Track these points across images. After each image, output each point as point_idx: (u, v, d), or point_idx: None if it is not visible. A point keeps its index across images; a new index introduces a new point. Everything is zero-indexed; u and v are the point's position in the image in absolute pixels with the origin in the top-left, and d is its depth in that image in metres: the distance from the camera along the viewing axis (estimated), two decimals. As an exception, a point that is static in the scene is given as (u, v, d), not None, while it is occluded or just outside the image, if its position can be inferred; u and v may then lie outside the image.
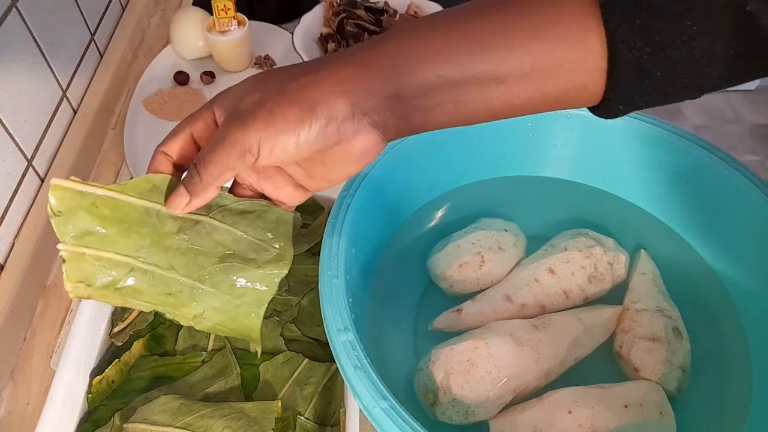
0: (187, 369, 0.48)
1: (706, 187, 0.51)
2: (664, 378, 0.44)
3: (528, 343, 0.44)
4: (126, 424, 0.42)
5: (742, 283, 0.50)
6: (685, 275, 0.52)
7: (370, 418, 0.34)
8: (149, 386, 0.47)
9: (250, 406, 0.44)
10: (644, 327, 0.46)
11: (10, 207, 0.57)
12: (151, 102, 0.75)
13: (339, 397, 0.47)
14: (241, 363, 0.48)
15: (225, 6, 0.74)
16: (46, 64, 0.64)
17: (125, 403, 0.46)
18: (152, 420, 0.42)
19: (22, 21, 0.60)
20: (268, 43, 0.83)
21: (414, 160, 0.52)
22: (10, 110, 0.57)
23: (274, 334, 0.49)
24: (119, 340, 0.50)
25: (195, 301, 0.37)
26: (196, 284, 0.37)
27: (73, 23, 0.71)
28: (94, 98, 0.72)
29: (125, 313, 0.51)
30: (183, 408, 0.43)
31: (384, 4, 0.81)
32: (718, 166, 0.49)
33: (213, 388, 0.46)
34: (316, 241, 0.56)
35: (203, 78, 0.79)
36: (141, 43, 0.85)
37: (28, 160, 0.60)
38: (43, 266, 0.59)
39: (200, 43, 0.79)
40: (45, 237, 0.58)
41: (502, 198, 0.58)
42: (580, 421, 0.41)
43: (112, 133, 0.74)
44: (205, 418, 0.42)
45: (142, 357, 0.49)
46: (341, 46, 0.77)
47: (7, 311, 0.52)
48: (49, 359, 0.55)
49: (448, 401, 0.42)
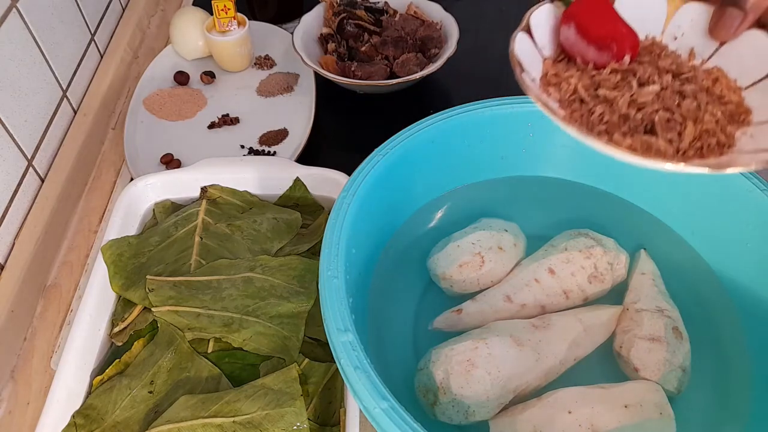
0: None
1: (707, 187, 0.51)
2: (664, 378, 0.44)
3: (528, 343, 0.44)
4: (147, 430, 0.43)
5: (742, 283, 0.50)
6: (685, 275, 0.52)
7: (370, 418, 0.34)
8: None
9: (269, 379, 0.44)
10: (644, 327, 0.46)
11: (11, 207, 0.57)
12: (151, 102, 0.75)
13: (339, 397, 0.47)
14: (242, 363, 0.48)
15: (225, 6, 0.74)
16: (47, 64, 0.64)
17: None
18: (179, 417, 0.43)
19: (22, 21, 0.60)
20: (268, 43, 0.83)
21: (414, 160, 0.52)
22: (11, 110, 0.57)
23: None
24: (119, 340, 0.50)
25: (244, 328, 0.48)
26: (244, 317, 0.48)
27: (73, 23, 0.71)
28: (95, 98, 0.72)
29: (125, 313, 0.51)
30: (206, 400, 0.44)
31: (384, 4, 0.81)
32: (718, 166, 0.49)
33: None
34: (316, 241, 0.56)
35: (203, 78, 0.79)
36: (141, 43, 0.85)
37: (29, 160, 0.60)
38: (43, 266, 0.59)
39: (200, 43, 0.79)
40: (45, 237, 0.59)
41: (502, 198, 0.58)
42: (580, 421, 0.41)
43: (112, 133, 0.74)
44: (231, 403, 0.43)
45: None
46: (341, 46, 0.77)
47: (7, 311, 0.52)
48: (50, 359, 0.55)
49: (448, 401, 0.42)
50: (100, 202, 0.67)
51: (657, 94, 0.36)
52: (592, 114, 0.36)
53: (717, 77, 0.38)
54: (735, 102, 0.37)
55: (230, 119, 0.73)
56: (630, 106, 0.35)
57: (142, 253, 0.54)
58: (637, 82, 0.36)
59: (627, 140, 0.34)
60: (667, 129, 0.34)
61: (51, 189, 0.61)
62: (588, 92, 0.37)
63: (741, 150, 0.34)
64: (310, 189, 0.60)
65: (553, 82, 0.38)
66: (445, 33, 0.77)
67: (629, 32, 0.38)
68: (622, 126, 0.35)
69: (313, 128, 0.70)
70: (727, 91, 0.37)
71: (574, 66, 0.38)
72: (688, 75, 0.37)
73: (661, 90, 0.36)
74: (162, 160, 0.68)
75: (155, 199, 0.60)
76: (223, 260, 0.53)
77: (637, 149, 0.33)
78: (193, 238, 0.54)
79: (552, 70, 0.38)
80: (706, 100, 0.36)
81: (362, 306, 0.48)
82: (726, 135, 0.35)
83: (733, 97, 0.37)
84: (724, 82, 0.38)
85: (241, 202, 0.59)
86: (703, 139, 0.34)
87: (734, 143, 0.35)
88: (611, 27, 0.38)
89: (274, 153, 0.69)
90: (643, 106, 0.35)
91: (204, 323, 0.48)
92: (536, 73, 0.38)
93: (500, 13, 0.91)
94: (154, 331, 0.49)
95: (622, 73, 0.37)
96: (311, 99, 0.73)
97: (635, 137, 0.34)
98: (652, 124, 0.35)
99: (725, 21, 0.35)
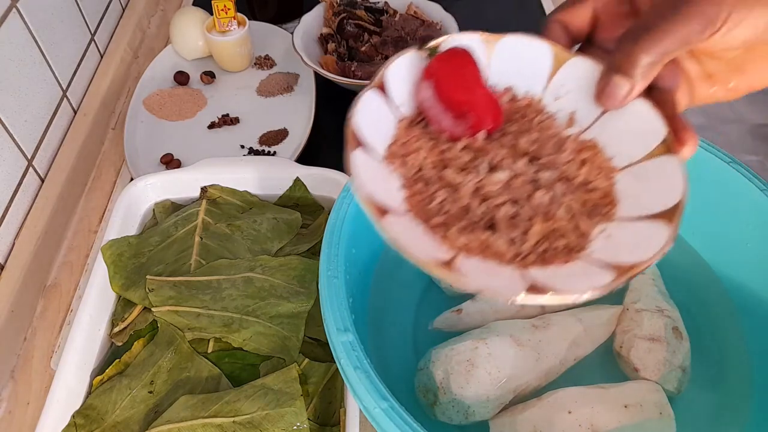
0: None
1: (706, 187, 0.51)
2: (664, 378, 0.44)
3: (528, 343, 0.44)
4: (147, 431, 0.43)
5: (742, 282, 0.50)
6: (685, 275, 0.52)
7: (370, 418, 0.34)
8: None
9: (269, 379, 0.44)
10: (644, 327, 0.46)
11: (11, 207, 0.57)
12: (151, 102, 0.75)
13: (339, 397, 0.47)
14: (241, 363, 0.48)
15: (225, 6, 0.74)
16: (47, 64, 0.64)
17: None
18: (179, 417, 0.43)
19: (23, 21, 0.60)
20: (268, 43, 0.83)
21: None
22: (11, 110, 0.57)
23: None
24: (119, 340, 0.50)
25: (244, 328, 0.48)
26: (244, 317, 0.48)
27: (73, 23, 0.71)
28: (95, 98, 0.72)
29: (125, 313, 0.51)
30: (206, 400, 0.44)
31: (384, 4, 0.81)
32: (718, 166, 0.49)
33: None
34: (316, 241, 0.56)
35: (203, 78, 0.79)
36: (141, 43, 0.85)
37: (29, 160, 0.60)
38: (43, 266, 0.59)
39: (200, 43, 0.79)
40: (45, 237, 0.58)
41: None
42: (580, 421, 0.41)
43: (112, 133, 0.74)
44: (231, 403, 0.43)
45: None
46: (341, 46, 0.77)
47: (7, 311, 0.52)
48: (50, 359, 0.55)
49: (448, 401, 0.42)
50: (100, 202, 0.67)
51: (506, 183, 0.31)
52: (433, 200, 0.31)
53: (586, 159, 0.33)
54: (602, 190, 0.32)
55: (230, 119, 0.73)
56: (474, 195, 0.31)
57: (142, 253, 0.54)
58: (488, 165, 0.32)
59: (462, 238, 0.29)
60: (509, 226, 0.30)
61: (51, 189, 0.61)
62: (434, 172, 0.32)
63: (590, 256, 0.29)
64: (310, 189, 0.60)
65: (400, 153, 0.33)
66: (445, 33, 0.77)
67: (490, 102, 0.33)
68: (462, 219, 0.30)
69: (313, 128, 0.70)
70: (596, 175, 0.32)
71: (428, 135, 0.33)
72: (548, 158, 0.33)
73: (511, 178, 0.31)
74: (162, 160, 0.68)
75: (155, 199, 0.60)
76: (223, 260, 0.53)
77: (472, 249, 0.29)
78: (193, 238, 0.54)
79: (404, 136, 0.33)
80: (562, 191, 0.31)
81: (362, 306, 0.48)
82: (579, 234, 0.30)
83: (601, 183, 0.32)
84: (596, 162, 0.33)
85: (241, 202, 0.59)
86: (551, 240, 0.30)
87: (586, 245, 0.30)
88: (471, 93, 0.32)
89: (274, 153, 0.69)
90: (488, 197, 0.31)
91: (204, 323, 0.48)
92: (383, 139, 0.33)
93: (500, 13, 0.91)
94: (154, 331, 0.49)
95: (474, 152, 0.33)
96: (311, 99, 0.73)
97: (473, 234, 0.29)
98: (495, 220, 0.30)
99: (611, 90, 0.31)
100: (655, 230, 0.29)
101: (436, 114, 0.33)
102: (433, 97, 0.32)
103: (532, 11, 0.90)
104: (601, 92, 0.31)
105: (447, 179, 0.31)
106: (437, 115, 0.33)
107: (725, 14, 0.26)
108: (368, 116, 0.32)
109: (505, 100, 0.35)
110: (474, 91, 0.32)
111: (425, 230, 0.30)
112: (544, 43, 0.34)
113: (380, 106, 0.33)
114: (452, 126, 0.32)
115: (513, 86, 0.36)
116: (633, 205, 0.31)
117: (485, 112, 0.33)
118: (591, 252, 0.30)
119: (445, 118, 0.32)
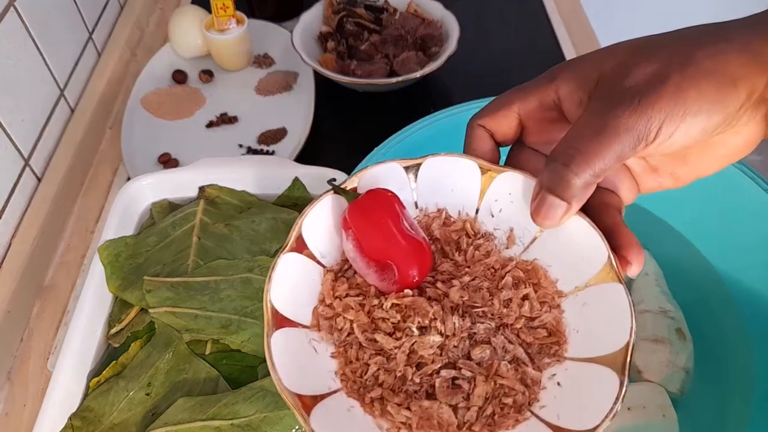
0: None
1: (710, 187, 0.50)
2: (667, 379, 0.44)
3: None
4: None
5: (745, 283, 0.49)
6: (688, 276, 0.52)
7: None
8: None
9: (268, 382, 0.44)
10: (647, 328, 0.46)
11: (7, 207, 0.56)
12: (149, 101, 0.75)
13: (338, 399, 0.46)
14: (240, 365, 0.47)
15: (224, 4, 0.73)
16: (44, 63, 0.64)
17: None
18: (176, 420, 0.42)
19: (20, 20, 0.59)
20: (267, 41, 0.83)
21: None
22: (8, 109, 0.56)
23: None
24: (116, 342, 0.49)
25: (242, 329, 0.48)
26: (242, 318, 0.48)
27: (71, 22, 0.70)
28: (92, 97, 0.72)
29: (122, 314, 0.50)
30: (204, 402, 0.43)
31: (384, 2, 0.81)
32: (721, 166, 0.49)
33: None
34: (315, 241, 0.55)
35: (201, 77, 0.78)
36: (139, 42, 0.85)
37: (25, 160, 0.60)
38: (40, 267, 0.58)
39: (199, 41, 0.79)
40: (42, 237, 0.58)
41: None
42: (582, 424, 0.40)
43: (109, 133, 0.73)
44: (229, 405, 0.42)
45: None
46: (341, 44, 0.76)
47: (3, 312, 0.52)
48: (46, 361, 0.54)
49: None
50: (97, 201, 0.66)
51: (441, 344, 0.28)
52: (367, 370, 0.28)
53: (527, 294, 0.30)
54: (548, 326, 0.29)
55: (229, 118, 0.73)
56: (409, 361, 0.28)
57: (139, 253, 0.53)
58: (418, 327, 0.29)
59: (402, 413, 0.27)
60: (449, 394, 0.27)
61: (48, 189, 0.61)
62: (364, 337, 0.29)
63: (542, 411, 0.27)
64: (309, 188, 0.59)
65: (327, 316, 0.30)
66: (445, 31, 0.77)
67: (415, 250, 0.30)
68: (400, 391, 0.28)
69: (313, 127, 0.69)
70: (541, 309, 0.30)
71: (357, 289, 0.31)
72: (483, 307, 0.30)
73: (446, 338, 0.29)
74: (160, 160, 0.68)
75: (153, 199, 0.60)
76: (222, 261, 0.52)
77: (415, 425, 0.26)
78: (191, 239, 0.54)
79: (329, 294, 0.31)
80: (503, 342, 0.29)
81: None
82: (528, 385, 0.28)
83: (547, 317, 0.30)
84: (540, 292, 0.30)
85: (240, 201, 0.59)
86: (499, 398, 0.27)
87: (537, 396, 0.27)
88: (392, 244, 0.29)
89: (272, 152, 0.69)
90: (423, 363, 0.28)
91: (202, 324, 0.48)
92: (308, 302, 0.31)
93: (501, 11, 0.90)
94: (152, 333, 0.49)
95: (404, 311, 0.29)
96: (310, 98, 0.73)
97: (414, 407, 0.27)
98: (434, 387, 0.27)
99: (547, 211, 0.28)
100: (606, 383, 0.26)
101: (361, 268, 0.30)
102: (354, 250, 0.30)
103: (533, 8, 0.90)
104: (537, 212, 0.29)
105: (379, 344, 0.29)
106: (361, 269, 0.30)
107: (656, 127, 0.25)
108: (287, 283, 0.30)
109: (437, 224, 0.33)
110: (395, 241, 0.29)
111: (361, 408, 0.27)
112: (470, 161, 0.32)
113: (301, 265, 0.31)
114: (377, 281, 0.30)
115: (446, 207, 0.34)
116: (583, 342, 0.29)
117: (409, 265, 0.29)
118: (541, 407, 0.27)
119: (369, 273, 0.30)
